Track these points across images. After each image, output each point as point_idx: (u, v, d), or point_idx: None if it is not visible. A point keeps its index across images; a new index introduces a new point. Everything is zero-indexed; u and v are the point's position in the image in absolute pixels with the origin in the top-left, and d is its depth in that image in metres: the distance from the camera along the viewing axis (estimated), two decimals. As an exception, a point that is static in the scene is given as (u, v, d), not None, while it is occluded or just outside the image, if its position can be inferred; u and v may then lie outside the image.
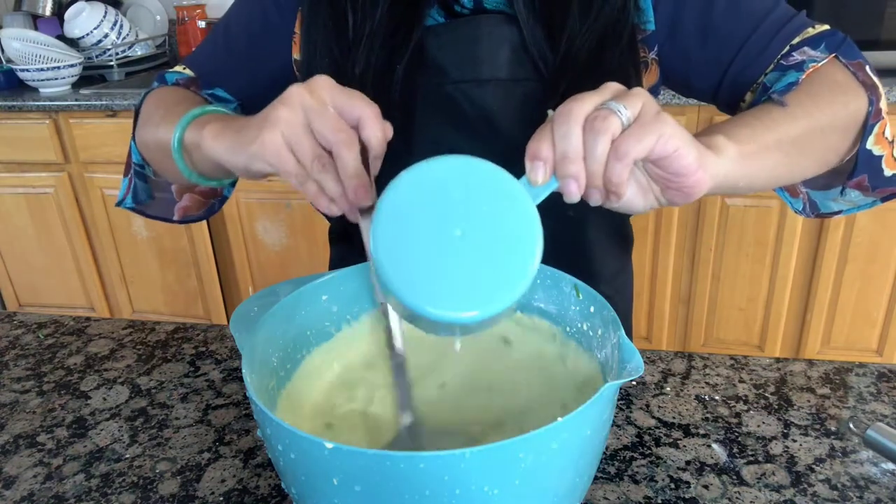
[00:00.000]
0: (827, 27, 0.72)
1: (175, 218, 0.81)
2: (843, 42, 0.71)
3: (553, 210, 0.76)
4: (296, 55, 0.77)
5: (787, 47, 0.70)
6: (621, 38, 0.72)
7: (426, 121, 0.73)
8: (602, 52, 0.71)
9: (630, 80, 0.72)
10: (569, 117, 0.46)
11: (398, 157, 0.71)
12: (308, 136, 0.50)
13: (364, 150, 0.52)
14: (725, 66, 0.72)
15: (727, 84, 0.73)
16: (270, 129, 0.50)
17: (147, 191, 0.80)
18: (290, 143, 0.50)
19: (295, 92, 0.50)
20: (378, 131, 0.51)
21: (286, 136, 0.50)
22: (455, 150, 0.73)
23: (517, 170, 0.72)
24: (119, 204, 0.81)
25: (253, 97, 0.80)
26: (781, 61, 0.69)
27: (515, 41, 0.72)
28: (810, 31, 0.71)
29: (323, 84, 0.51)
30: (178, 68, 0.82)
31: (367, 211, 0.52)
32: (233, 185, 0.78)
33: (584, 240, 0.80)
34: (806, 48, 0.69)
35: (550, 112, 0.48)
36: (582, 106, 0.47)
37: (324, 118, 0.49)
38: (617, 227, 0.86)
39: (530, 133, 0.72)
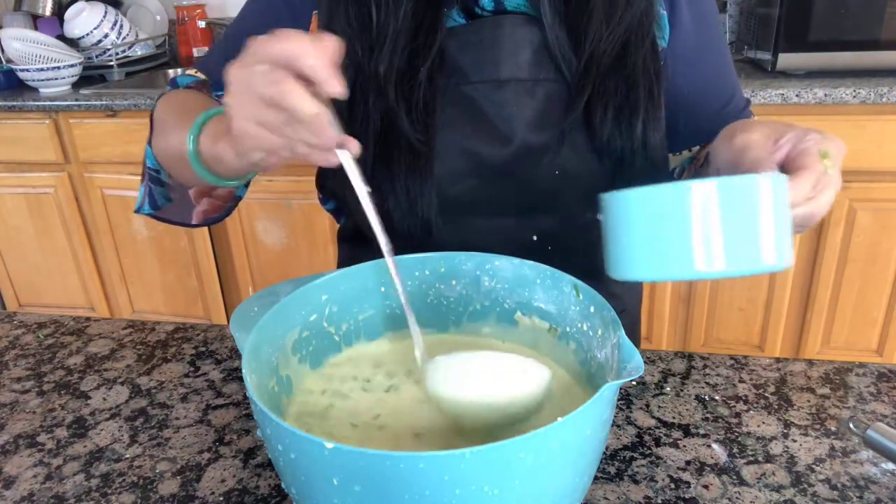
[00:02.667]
0: None
1: (193, 222, 0.81)
2: None
3: (570, 210, 0.76)
4: None
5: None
6: (644, 43, 0.73)
7: (446, 121, 0.72)
8: (625, 56, 0.72)
9: (652, 85, 0.73)
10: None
11: (419, 157, 0.71)
12: (265, 106, 0.48)
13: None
14: (694, 126, 0.82)
15: (682, 134, 0.83)
16: (234, 120, 0.50)
17: (164, 195, 0.80)
18: (257, 120, 0.49)
19: (230, 73, 0.49)
20: (313, 58, 0.47)
21: (249, 117, 0.49)
22: (473, 149, 0.73)
23: (532, 166, 0.72)
24: (138, 211, 0.80)
25: None
26: None
27: (537, 42, 0.72)
28: (755, 118, 0.84)
29: (250, 49, 0.49)
30: (189, 72, 0.82)
31: (340, 145, 0.51)
32: (246, 185, 0.78)
33: (597, 240, 0.81)
34: None
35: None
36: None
37: (257, 80, 0.47)
38: None
39: (549, 132, 0.72)
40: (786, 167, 0.55)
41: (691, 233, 0.47)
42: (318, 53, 0.47)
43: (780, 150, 0.56)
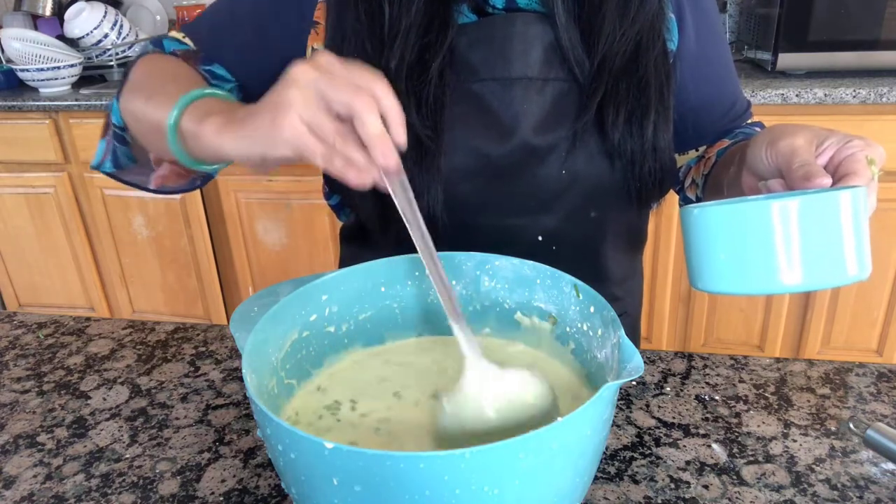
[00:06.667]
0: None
1: (151, 186, 0.78)
2: None
3: (576, 210, 0.76)
4: (316, 45, 0.76)
5: (744, 125, 0.87)
6: (656, 44, 0.73)
7: (454, 118, 0.72)
8: (637, 58, 0.72)
9: (663, 87, 0.73)
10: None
11: (427, 153, 0.71)
12: (324, 111, 0.48)
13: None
14: (700, 128, 0.84)
15: (689, 136, 0.85)
16: (286, 113, 0.49)
17: (128, 154, 0.77)
18: (309, 123, 0.48)
19: (301, 70, 0.49)
20: (394, 100, 0.49)
21: (304, 117, 0.48)
22: (481, 148, 0.73)
23: (539, 166, 0.72)
24: (96, 167, 0.77)
25: (256, 80, 0.77)
26: (741, 130, 0.85)
27: (548, 40, 0.72)
28: (753, 118, 0.89)
29: (328, 58, 0.50)
30: (177, 35, 0.79)
31: (395, 173, 0.51)
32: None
33: (602, 240, 0.81)
34: (757, 128, 0.85)
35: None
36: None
37: (340, 87, 0.48)
38: (634, 227, 0.86)
39: (557, 132, 0.72)
40: (830, 171, 0.56)
41: (777, 248, 0.48)
42: (395, 99, 0.49)
43: (823, 154, 0.56)
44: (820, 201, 0.49)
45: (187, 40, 0.79)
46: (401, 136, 0.50)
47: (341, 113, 0.49)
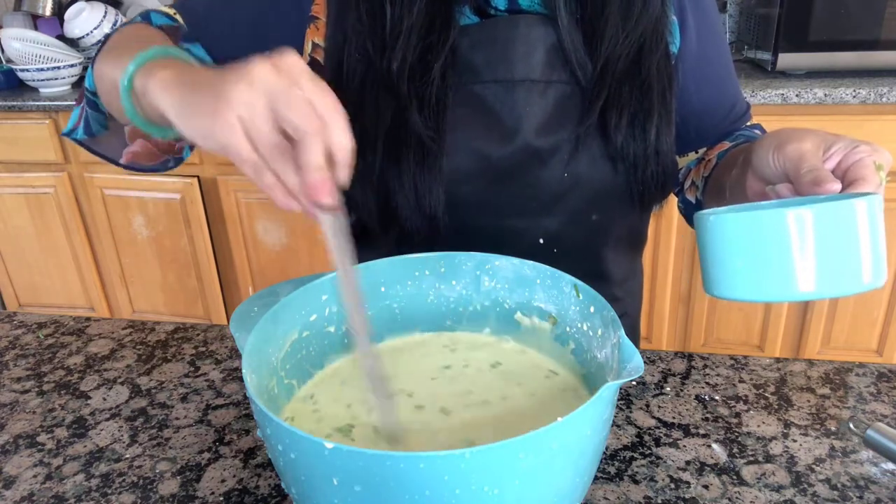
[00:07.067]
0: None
1: (121, 161, 0.76)
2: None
3: (577, 213, 0.76)
4: (316, 40, 0.76)
5: (744, 127, 0.87)
6: (658, 47, 0.73)
7: (456, 120, 0.72)
8: (640, 61, 0.72)
9: (665, 90, 0.73)
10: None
11: (429, 154, 0.71)
12: (268, 121, 0.44)
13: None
14: (702, 131, 0.84)
15: (690, 138, 0.85)
16: (224, 108, 0.44)
17: (100, 121, 0.74)
18: (247, 128, 0.44)
19: (260, 68, 0.44)
20: (348, 138, 0.45)
21: (244, 120, 0.44)
22: (482, 150, 0.73)
23: (540, 168, 0.72)
24: (68, 134, 0.75)
25: None
26: (741, 132, 0.85)
27: (551, 42, 0.72)
28: (752, 120, 0.89)
29: (293, 64, 0.45)
30: (168, 11, 0.78)
31: (328, 209, 0.48)
32: (191, 147, 0.73)
33: (603, 243, 0.81)
34: (757, 130, 0.86)
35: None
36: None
37: (294, 103, 0.44)
38: (635, 229, 0.87)
39: (559, 135, 0.72)
40: (838, 176, 0.55)
41: (793, 256, 0.48)
42: (349, 138, 0.45)
43: (830, 159, 0.56)
44: (837, 209, 0.49)
45: (178, 17, 0.78)
46: (343, 178, 0.46)
47: (287, 131, 0.45)
